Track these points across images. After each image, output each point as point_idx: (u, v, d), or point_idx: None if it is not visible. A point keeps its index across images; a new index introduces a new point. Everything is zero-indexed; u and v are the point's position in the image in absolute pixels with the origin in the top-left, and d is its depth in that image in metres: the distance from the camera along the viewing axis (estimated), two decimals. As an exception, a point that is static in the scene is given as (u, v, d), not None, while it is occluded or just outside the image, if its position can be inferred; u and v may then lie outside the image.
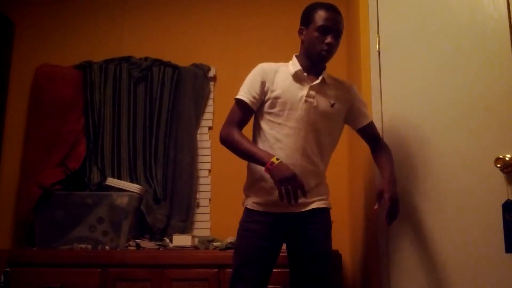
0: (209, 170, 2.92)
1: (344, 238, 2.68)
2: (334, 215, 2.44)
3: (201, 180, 2.91)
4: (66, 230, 2.55)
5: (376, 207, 1.80)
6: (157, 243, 2.58)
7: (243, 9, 3.11)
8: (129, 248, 2.51)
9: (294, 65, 1.88)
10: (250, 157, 1.79)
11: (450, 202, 1.73)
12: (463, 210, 1.67)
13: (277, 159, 1.69)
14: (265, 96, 1.85)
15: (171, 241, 2.58)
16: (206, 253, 2.38)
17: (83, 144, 2.87)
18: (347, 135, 2.78)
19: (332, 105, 1.86)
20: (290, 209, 1.77)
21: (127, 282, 2.28)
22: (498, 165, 1.49)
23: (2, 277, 2.31)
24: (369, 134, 1.97)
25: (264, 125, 1.85)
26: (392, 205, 1.75)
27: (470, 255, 1.62)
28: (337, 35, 1.84)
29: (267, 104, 1.84)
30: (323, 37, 1.81)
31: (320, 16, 1.82)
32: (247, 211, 1.86)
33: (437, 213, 1.78)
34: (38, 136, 2.87)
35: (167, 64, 2.98)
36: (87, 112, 2.92)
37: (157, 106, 2.92)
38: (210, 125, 2.97)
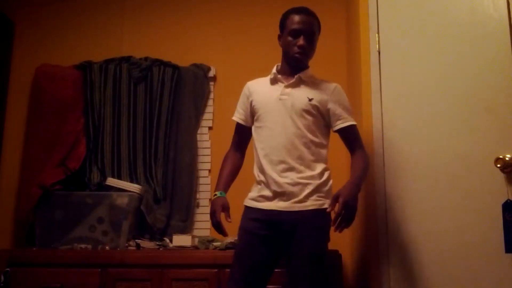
0: (209, 170, 2.92)
1: (344, 238, 2.67)
2: (334, 215, 2.45)
3: (201, 180, 2.90)
4: (66, 230, 2.55)
5: (328, 209, 1.73)
6: (157, 243, 2.58)
7: (243, 9, 3.11)
8: (129, 248, 2.51)
9: (272, 73, 1.97)
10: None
11: (450, 202, 1.73)
12: (463, 210, 1.67)
13: (216, 194, 1.90)
14: (252, 108, 1.96)
15: (171, 241, 2.58)
16: (206, 253, 2.37)
17: (83, 144, 2.87)
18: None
19: (310, 100, 1.87)
20: (279, 207, 1.79)
21: (127, 282, 2.28)
22: (498, 165, 1.49)
23: (2, 277, 2.31)
24: (345, 138, 1.95)
25: (254, 135, 1.96)
26: (344, 209, 1.68)
27: (470, 255, 1.62)
28: (309, 36, 1.88)
29: (254, 116, 1.95)
30: (295, 40, 1.87)
31: (292, 20, 1.89)
32: (244, 208, 1.92)
33: (437, 213, 1.78)
34: (38, 136, 2.87)
35: (167, 64, 2.98)
36: (87, 112, 2.92)
37: (157, 106, 2.92)
38: (210, 125, 2.97)
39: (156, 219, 2.73)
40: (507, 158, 1.47)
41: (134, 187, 2.68)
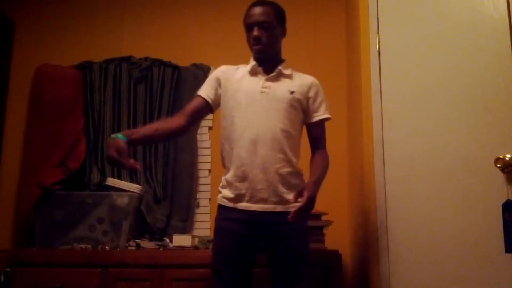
0: (209, 170, 2.92)
1: (344, 238, 2.68)
2: (334, 215, 2.45)
3: (201, 180, 2.90)
4: (66, 230, 2.55)
5: (291, 199, 1.72)
6: (157, 243, 2.58)
7: (243, 9, 3.09)
8: (129, 248, 2.51)
9: (250, 63, 1.95)
10: None
11: (450, 202, 1.73)
12: (463, 210, 1.67)
13: (116, 135, 1.66)
14: (224, 95, 1.93)
15: (171, 241, 2.58)
16: (206, 253, 2.37)
17: (83, 144, 2.87)
18: (347, 134, 2.78)
19: (292, 93, 1.87)
20: (257, 207, 1.78)
21: (127, 282, 2.28)
22: (498, 165, 1.49)
23: (2, 277, 2.31)
24: (314, 132, 1.94)
25: (224, 122, 1.91)
26: (307, 204, 1.65)
27: (470, 255, 1.62)
28: (262, 25, 1.85)
29: (224, 101, 1.92)
30: (250, 33, 1.88)
31: (245, 16, 1.92)
32: (218, 207, 1.89)
33: (437, 213, 1.78)
34: (38, 136, 2.87)
35: (167, 64, 2.98)
36: (87, 112, 2.92)
37: (157, 106, 2.92)
38: (210, 125, 2.97)
39: (156, 219, 2.73)
40: (507, 158, 1.47)
41: (134, 187, 2.68)
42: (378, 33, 2.19)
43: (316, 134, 1.94)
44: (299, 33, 2.99)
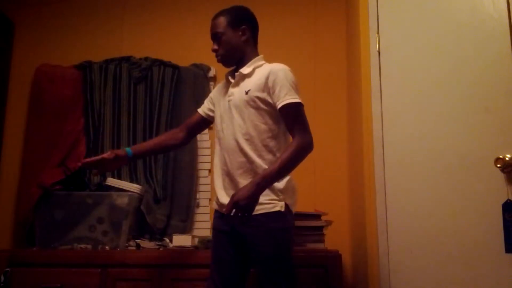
0: (209, 170, 2.92)
1: (344, 238, 2.68)
2: (334, 215, 2.45)
3: (201, 180, 2.90)
4: (66, 230, 2.55)
5: (224, 210, 1.70)
6: (157, 243, 2.58)
7: (243, 9, 3.11)
8: (129, 248, 2.51)
9: (225, 75, 2.01)
10: None
11: (450, 202, 1.73)
12: (463, 210, 1.67)
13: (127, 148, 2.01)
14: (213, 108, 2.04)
15: (171, 241, 2.58)
16: (206, 253, 2.37)
17: (83, 144, 2.87)
18: (347, 134, 2.78)
19: (247, 92, 1.82)
20: (224, 209, 1.73)
21: (127, 282, 2.28)
22: (498, 165, 1.49)
23: (2, 277, 2.31)
24: (285, 119, 1.79)
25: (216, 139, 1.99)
26: (233, 208, 1.62)
27: (470, 255, 1.62)
28: (215, 38, 1.95)
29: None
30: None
31: None
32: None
33: (437, 213, 1.78)
34: (38, 136, 2.87)
35: (167, 64, 2.98)
36: (87, 112, 2.92)
37: (157, 106, 2.92)
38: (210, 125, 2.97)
39: (156, 219, 2.73)
40: (507, 158, 1.47)
41: (134, 187, 2.68)
42: (378, 33, 2.19)
43: (285, 122, 1.80)
44: (299, 33, 2.99)
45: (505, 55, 1.56)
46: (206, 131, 2.95)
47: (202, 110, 2.09)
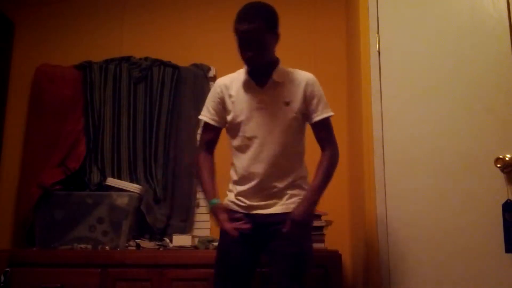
0: (209, 170, 2.92)
1: (344, 238, 2.68)
2: (334, 215, 2.45)
3: (201, 180, 2.90)
4: (66, 230, 2.55)
5: (284, 230, 1.74)
6: (157, 243, 2.58)
7: (243, 9, 3.11)
8: (129, 248, 2.51)
9: (244, 74, 1.88)
10: (203, 192, 1.91)
11: (450, 202, 1.73)
12: (463, 210, 1.67)
13: (214, 201, 1.82)
14: (226, 111, 1.89)
15: (171, 241, 2.58)
16: (206, 253, 2.37)
17: (83, 144, 2.87)
18: (347, 134, 2.78)
19: (288, 104, 1.82)
20: (256, 211, 1.81)
21: (127, 282, 2.28)
22: (498, 165, 1.49)
23: (2, 277, 2.31)
24: (316, 133, 1.88)
25: (230, 139, 1.91)
26: (292, 228, 1.73)
27: (470, 255, 1.62)
28: (254, 45, 1.75)
29: (228, 120, 1.88)
30: (242, 52, 1.79)
31: (236, 30, 1.80)
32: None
33: (437, 212, 1.78)
34: (38, 136, 2.87)
35: (167, 64, 2.98)
36: (87, 112, 2.92)
37: (157, 106, 2.92)
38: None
39: (156, 219, 2.73)
40: (507, 158, 1.47)
41: (134, 187, 2.68)
42: (378, 33, 2.19)
43: (319, 134, 1.88)
44: (299, 33, 2.99)
45: (505, 55, 1.56)
46: (206, 131, 2.96)
47: (216, 122, 1.91)
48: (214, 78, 3.02)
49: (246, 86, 1.86)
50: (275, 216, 1.79)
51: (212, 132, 1.93)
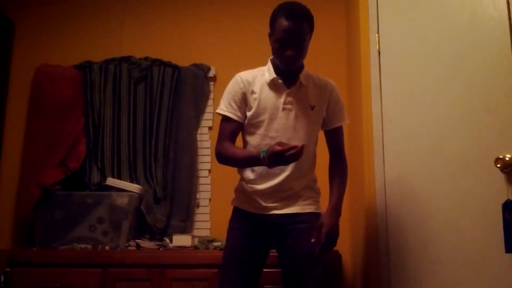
0: (209, 170, 2.92)
1: (344, 238, 2.67)
2: (334, 215, 2.45)
3: (201, 180, 2.90)
4: (66, 230, 2.55)
5: (312, 240, 1.74)
6: (157, 243, 2.58)
7: (243, 9, 3.11)
8: (129, 248, 2.51)
9: (269, 72, 1.85)
10: (248, 162, 1.80)
11: (450, 202, 1.73)
12: (463, 210, 1.67)
13: (263, 151, 1.66)
14: (247, 107, 1.85)
15: (171, 241, 2.58)
16: (206, 253, 2.38)
17: (83, 144, 2.87)
18: (347, 134, 2.78)
19: (312, 108, 1.85)
20: (271, 211, 1.82)
21: (127, 282, 2.28)
22: (498, 165, 1.48)
23: (2, 277, 2.31)
24: (332, 139, 1.93)
25: (247, 137, 1.88)
26: (328, 240, 1.74)
27: (470, 255, 1.62)
28: (298, 44, 1.74)
29: (248, 116, 1.85)
30: (283, 50, 1.74)
31: (280, 26, 1.73)
32: (234, 209, 1.92)
33: (436, 213, 1.78)
34: (38, 136, 2.87)
35: (167, 64, 2.98)
36: (87, 112, 2.92)
37: (157, 106, 2.92)
38: (210, 125, 2.97)
39: (156, 219, 2.73)
40: (507, 158, 1.47)
41: (134, 187, 2.69)
42: (378, 33, 2.19)
43: (335, 141, 1.92)
44: (299, 33, 2.99)
45: (505, 55, 1.56)
46: (206, 131, 2.96)
47: (239, 117, 1.86)
48: (214, 78, 3.03)
49: (273, 85, 1.84)
50: (290, 216, 1.81)
51: (234, 125, 1.86)
